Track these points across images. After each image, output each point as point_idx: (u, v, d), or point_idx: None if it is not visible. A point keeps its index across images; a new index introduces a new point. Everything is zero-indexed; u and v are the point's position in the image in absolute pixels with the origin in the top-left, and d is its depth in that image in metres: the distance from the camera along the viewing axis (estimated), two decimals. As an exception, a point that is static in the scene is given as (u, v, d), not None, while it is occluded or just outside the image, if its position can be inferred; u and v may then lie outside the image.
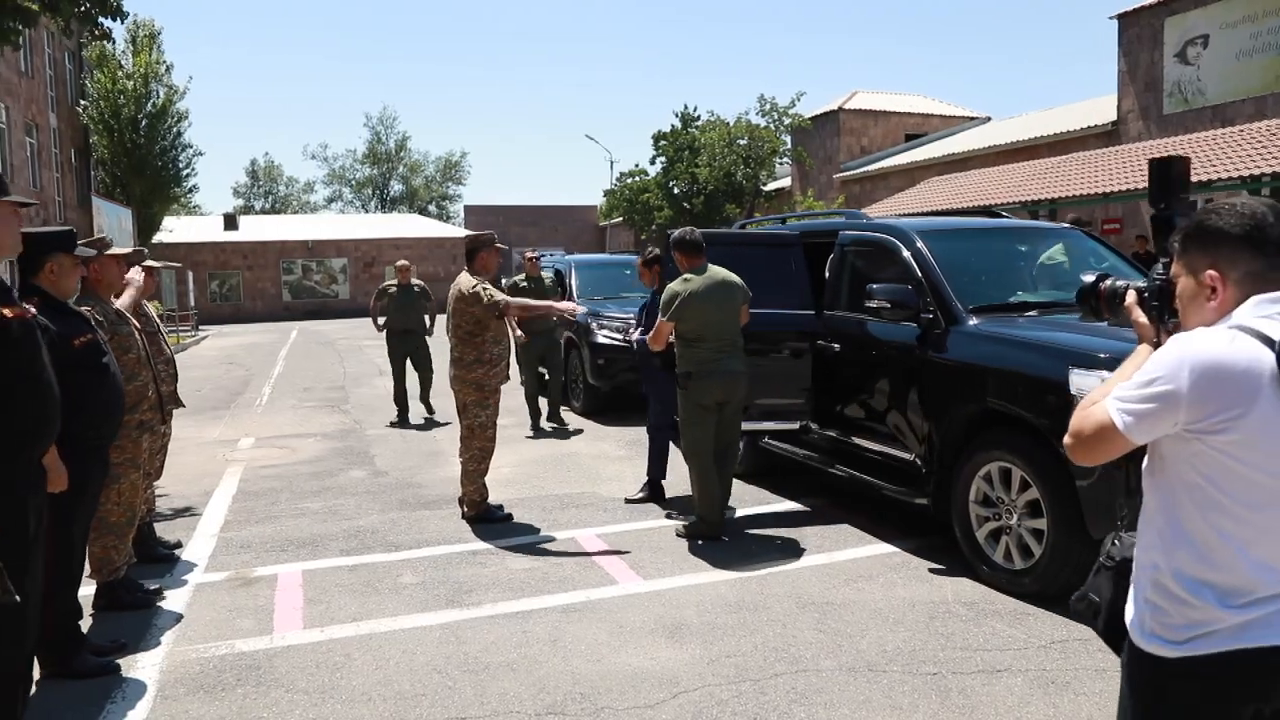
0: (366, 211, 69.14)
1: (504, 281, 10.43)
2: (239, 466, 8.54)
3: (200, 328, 32.86)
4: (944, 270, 5.65)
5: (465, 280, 6.15)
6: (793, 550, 5.67)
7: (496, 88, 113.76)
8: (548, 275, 10.97)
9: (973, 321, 5.35)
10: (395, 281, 11.12)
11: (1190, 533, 1.80)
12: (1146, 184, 16.56)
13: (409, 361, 10.96)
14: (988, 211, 7.56)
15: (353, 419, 11.29)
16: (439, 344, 8.39)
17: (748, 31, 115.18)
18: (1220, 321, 1.82)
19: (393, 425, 10.52)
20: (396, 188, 72.78)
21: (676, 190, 34.05)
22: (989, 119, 33.30)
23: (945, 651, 4.16)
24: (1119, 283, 2.25)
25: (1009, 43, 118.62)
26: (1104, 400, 1.86)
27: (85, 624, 4.33)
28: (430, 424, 10.60)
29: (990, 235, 6.39)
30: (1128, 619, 1.93)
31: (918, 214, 16.99)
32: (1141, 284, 2.18)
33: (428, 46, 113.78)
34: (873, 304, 5.65)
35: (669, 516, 6.45)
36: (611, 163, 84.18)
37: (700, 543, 5.81)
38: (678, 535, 5.97)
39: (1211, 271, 1.85)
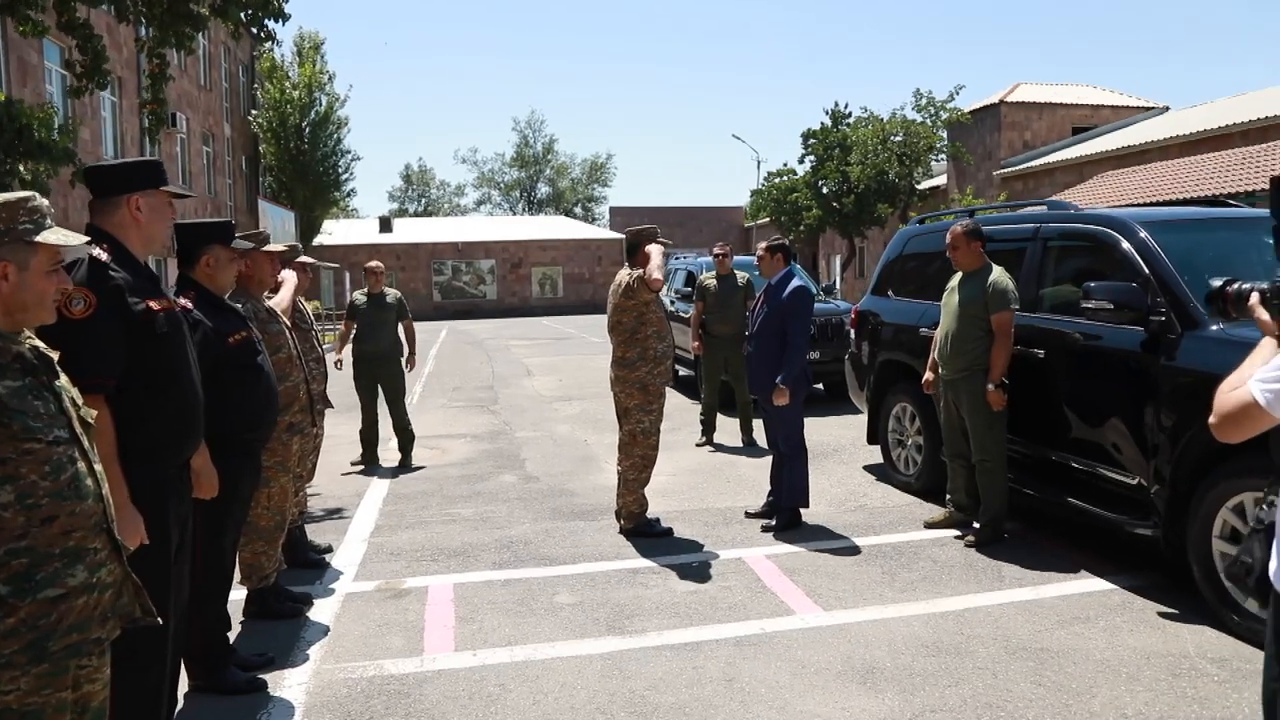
0: (514, 214, 70.55)
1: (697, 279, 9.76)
2: (390, 467, 8.42)
3: (356, 327, 33.98)
4: (1176, 265, 4.87)
5: (623, 275, 5.82)
6: (989, 582, 5.00)
7: (643, 88, 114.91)
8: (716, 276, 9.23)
9: (1215, 326, 4.56)
10: (364, 291, 8.53)
11: None
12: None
13: (380, 390, 8.41)
14: (1215, 201, 6.63)
15: (502, 420, 11.12)
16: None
17: (903, 27, 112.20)
18: None
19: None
20: (543, 190, 74.13)
21: (826, 190, 32.92)
22: (1167, 109, 30.89)
23: (1202, 722, 3.45)
24: (1244, 285, 2.66)
25: (1184, 29, 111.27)
26: (1245, 384, 2.14)
27: (233, 632, 4.11)
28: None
29: (1226, 226, 5.51)
30: (1271, 571, 2.20)
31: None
32: (1264, 286, 2.53)
33: (575, 48, 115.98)
34: (1090, 305, 4.92)
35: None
36: (759, 162, 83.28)
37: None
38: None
39: None
